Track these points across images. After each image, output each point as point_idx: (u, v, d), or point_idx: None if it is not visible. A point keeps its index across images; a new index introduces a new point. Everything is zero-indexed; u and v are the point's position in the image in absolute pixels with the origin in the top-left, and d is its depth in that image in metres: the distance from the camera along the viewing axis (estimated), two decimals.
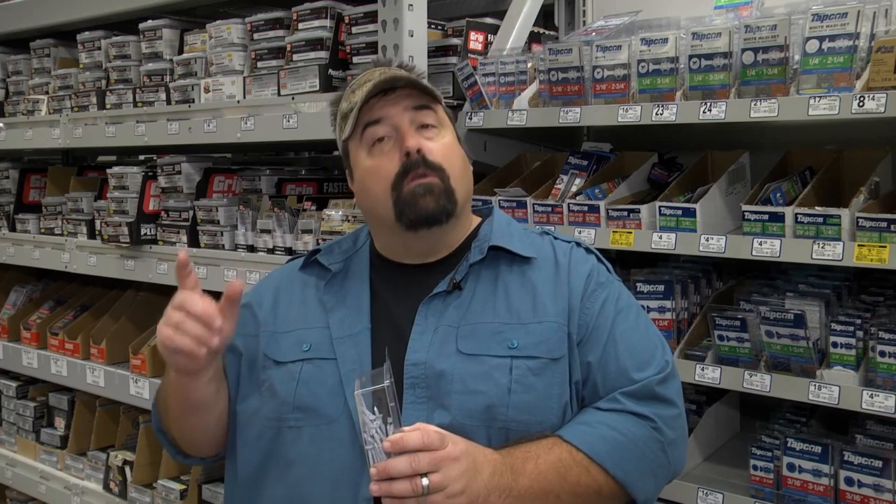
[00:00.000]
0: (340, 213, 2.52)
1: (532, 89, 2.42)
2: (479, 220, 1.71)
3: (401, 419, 1.38)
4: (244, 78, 2.83)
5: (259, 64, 2.80)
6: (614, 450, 1.49)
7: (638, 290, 2.22)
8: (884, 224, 1.82)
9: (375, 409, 1.35)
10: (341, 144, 1.68)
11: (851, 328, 1.93)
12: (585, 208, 2.24)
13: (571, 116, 2.23)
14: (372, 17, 2.48)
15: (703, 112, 2.01)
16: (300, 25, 2.68)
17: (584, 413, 1.55)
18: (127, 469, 3.24)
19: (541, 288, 1.59)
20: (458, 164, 1.60)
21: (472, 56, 2.57)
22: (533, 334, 1.54)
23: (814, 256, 1.88)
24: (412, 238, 1.59)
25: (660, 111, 2.08)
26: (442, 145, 1.59)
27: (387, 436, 1.34)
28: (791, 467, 2.01)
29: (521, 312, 1.56)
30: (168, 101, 3.05)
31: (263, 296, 1.73)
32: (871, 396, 1.82)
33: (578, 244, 1.69)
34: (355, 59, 2.59)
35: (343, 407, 1.53)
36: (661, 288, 2.22)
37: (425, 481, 1.32)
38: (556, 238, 1.70)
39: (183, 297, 1.44)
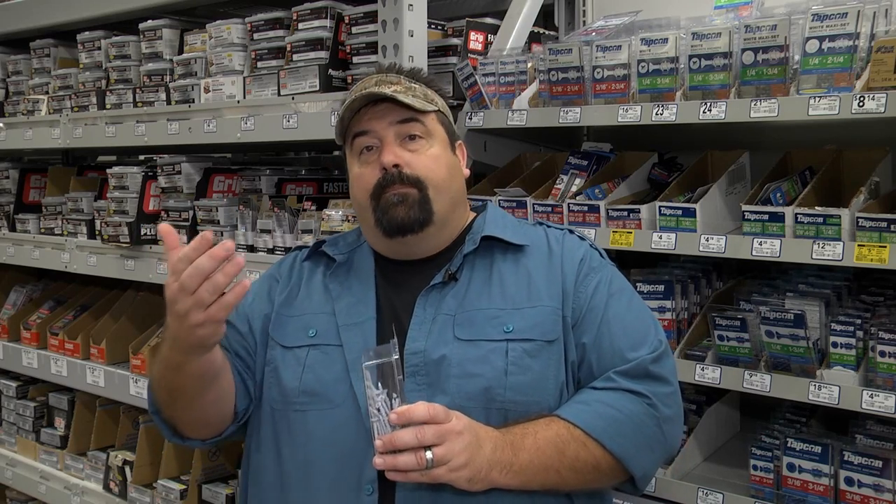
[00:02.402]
0: (340, 213, 2.52)
1: (532, 89, 2.41)
2: (474, 215, 1.77)
3: (405, 394, 1.41)
4: (244, 78, 2.83)
5: (259, 64, 2.80)
6: (610, 426, 1.54)
7: (638, 290, 2.21)
8: (884, 224, 1.82)
9: (381, 383, 1.39)
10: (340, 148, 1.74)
11: (851, 328, 1.93)
12: (585, 208, 2.24)
13: (571, 116, 2.23)
14: (372, 17, 2.48)
15: (703, 112, 2.01)
16: (300, 25, 2.68)
17: (580, 393, 1.60)
18: (127, 469, 3.24)
19: (535, 274, 1.65)
20: (440, 175, 1.65)
21: (472, 56, 2.57)
22: (528, 318, 1.59)
23: (814, 256, 1.88)
24: (393, 243, 1.66)
25: (660, 111, 2.08)
26: (426, 157, 1.64)
27: (392, 409, 1.37)
28: (791, 467, 2.01)
29: (515, 298, 1.62)
30: (168, 101, 3.05)
31: (280, 272, 1.79)
32: (871, 396, 1.82)
33: (571, 231, 1.75)
34: (355, 59, 2.59)
35: (348, 392, 1.58)
36: (661, 288, 2.22)
37: (429, 454, 1.36)
38: (548, 227, 1.76)
39: (213, 285, 1.37)
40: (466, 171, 1.76)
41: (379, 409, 1.39)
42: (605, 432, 1.53)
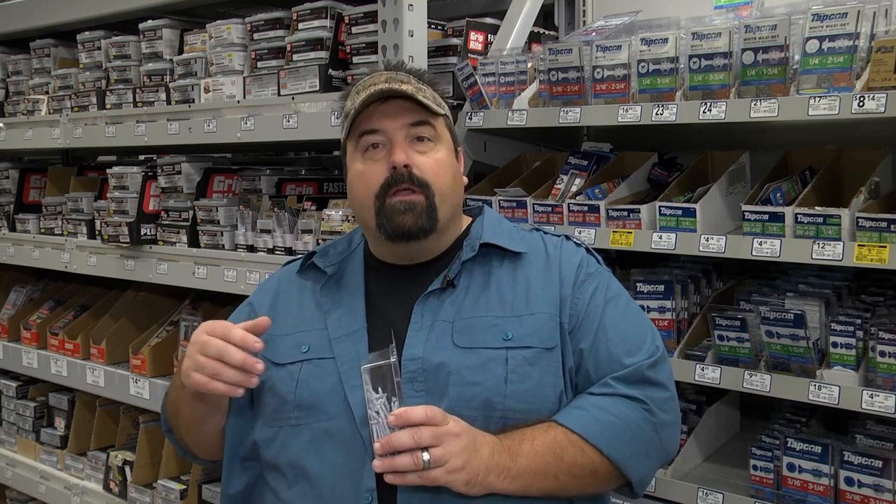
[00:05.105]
0: (340, 213, 2.52)
1: (532, 89, 2.42)
2: (471, 219, 1.75)
3: (403, 397, 1.42)
4: (244, 78, 2.83)
5: (259, 64, 2.80)
6: (607, 431, 1.53)
7: (638, 290, 2.22)
8: (884, 224, 1.82)
9: (380, 386, 1.41)
10: (341, 142, 1.71)
11: (851, 328, 1.93)
12: (585, 208, 2.24)
13: (571, 116, 2.23)
14: (372, 17, 2.48)
15: (703, 112, 2.01)
16: (300, 25, 2.68)
17: (578, 399, 1.59)
18: (127, 469, 3.24)
19: (533, 281, 1.64)
20: (446, 181, 1.63)
21: (472, 56, 2.57)
22: (526, 325, 1.59)
23: (814, 256, 1.88)
24: (393, 246, 1.64)
25: (660, 111, 2.08)
26: (433, 160, 1.62)
27: (390, 411, 1.39)
28: (791, 467, 2.01)
29: (514, 305, 1.61)
30: (168, 101, 3.05)
31: (263, 298, 1.78)
32: (871, 396, 1.82)
33: (568, 237, 1.74)
34: (355, 59, 2.59)
35: (343, 404, 1.57)
36: (661, 288, 2.22)
37: (426, 455, 1.37)
38: (545, 233, 1.75)
39: (220, 349, 1.48)
40: (465, 179, 1.74)
41: (378, 412, 1.40)
42: (603, 437, 1.52)
